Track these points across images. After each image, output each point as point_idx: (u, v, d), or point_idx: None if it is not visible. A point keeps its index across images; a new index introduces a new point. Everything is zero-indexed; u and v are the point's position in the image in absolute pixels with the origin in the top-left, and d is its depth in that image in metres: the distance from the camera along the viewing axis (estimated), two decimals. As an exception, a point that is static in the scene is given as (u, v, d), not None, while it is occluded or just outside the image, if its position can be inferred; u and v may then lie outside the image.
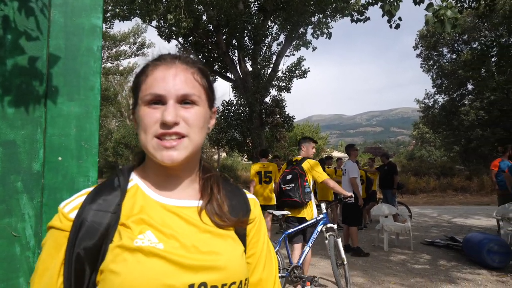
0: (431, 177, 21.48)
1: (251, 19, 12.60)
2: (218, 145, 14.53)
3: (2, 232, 1.41)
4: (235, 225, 0.85)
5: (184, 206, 0.82)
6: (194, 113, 0.79)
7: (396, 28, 6.33)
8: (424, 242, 7.94)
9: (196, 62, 0.85)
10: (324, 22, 14.11)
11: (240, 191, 0.94)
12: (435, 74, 25.56)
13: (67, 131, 1.49)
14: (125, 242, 0.72)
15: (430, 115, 26.46)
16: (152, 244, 0.72)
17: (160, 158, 0.76)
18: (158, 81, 0.78)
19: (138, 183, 0.83)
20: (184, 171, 0.84)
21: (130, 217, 0.76)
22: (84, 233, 0.73)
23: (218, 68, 15.19)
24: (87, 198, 0.77)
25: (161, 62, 0.81)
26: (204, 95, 0.83)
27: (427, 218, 11.96)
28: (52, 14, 1.51)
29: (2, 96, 1.44)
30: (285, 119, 14.16)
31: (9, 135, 1.44)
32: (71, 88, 1.51)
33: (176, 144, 0.76)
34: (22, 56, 1.47)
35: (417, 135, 39.21)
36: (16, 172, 1.44)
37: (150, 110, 0.77)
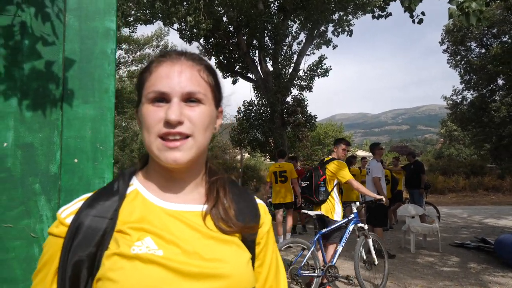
0: (460, 176, 20.82)
1: (271, 19, 12.57)
2: (240, 146, 14.54)
3: (21, 233, 1.44)
4: (241, 231, 0.80)
5: (188, 211, 0.78)
6: (200, 112, 0.75)
7: (419, 23, 6.15)
8: (453, 244, 7.69)
9: (202, 59, 0.82)
10: (345, 19, 13.91)
11: (249, 196, 0.89)
12: (463, 70, 24.76)
13: (83, 133, 1.51)
14: (123, 249, 0.69)
15: (458, 112, 25.66)
16: (151, 251, 0.69)
17: (164, 159, 0.72)
18: (162, 78, 0.74)
19: (138, 188, 0.80)
20: (189, 174, 0.80)
21: (128, 223, 0.73)
22: (80, 239, 0.70)
23: (239, 69, 15.24)
24: (85, 203, 0.75)
25: (166, 59, 0.77)
26: (210, 94, 0.79)
27: (457, 219, 11.61)
28: (67, 19, 1.53)
29: (20, 100, 1.47)
30: (307, 119, 14.03)
31: (27, 138, 1.47)
32: (86, 91, 1.53)
33: (180, 144, 0.72)
34: (39, 60, 1.50)
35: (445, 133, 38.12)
36: (34, 174, 1.47)
37: (153, 108, 0.73)
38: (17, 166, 1.45)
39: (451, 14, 4.06)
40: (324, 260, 4.78)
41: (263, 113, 14.09)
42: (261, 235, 0.86)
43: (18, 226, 1.44)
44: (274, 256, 0.89)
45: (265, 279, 0.87)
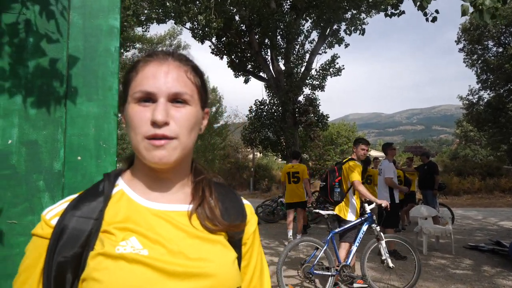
0: (476, 177, 20.41)
1: (284, 18, 12.52)
2: (252, 145, 14.54)
3: (25, 229, 1.45)
4: (227, 230, 0.81)
5: (173, 211, 0.78)
6: (185, 113, 0.75)
7: (433, 22, 6.04)
8: (467, 246, 7.55)
9: (189, 59, 0.82)
10: (358, 18, 13.78)
11: (235, 196, 0.89)
12: (479, 69, 24.28)
13: (86, 131, 1.52)
14: (107, 249, 0.69)
15: (474, 112, 25.16)
16: (135, 250, 0.69)
17: (151, 158, 0.72)
18: (148, 78, 0.74)
19: (124, 188, 0.80)
20: (174, 174, 0.81)
21: (113, 224, 0.73)
22: (65, 240, 0.70)
23: (251, 68, 15.24)
24: (70, 204, 0.75)
25: (153, 58, 0.77)
26: (197, 95, 0.79)
27: (471, 221, 11.40)
28: (71, 17, 1.54)
29: (25, 98, 1.48)
30: (319, 118, 13.95)
31: (31, 135, 1.48)
32: (90, 89, 1.53)
33: (165, 143, 0.72)
34: (43, 58, 1.50)
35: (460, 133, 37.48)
36: (38, 171, 1.48)
37: (139, 108, 0.73)
38: (22, 163, 1.46)
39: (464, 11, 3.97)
40: (338, 259, 4.78)
41: (275, 112, 14.07)
42: (247, 235, 0.86)
43: (22, 223, 1.45)
44: (260, 257, 0.90)
45: (250, 280, 0.87)
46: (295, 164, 8.21)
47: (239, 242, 0.84)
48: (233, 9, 13.07)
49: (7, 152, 1.45)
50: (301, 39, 14.67)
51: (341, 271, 4.65)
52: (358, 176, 4.89)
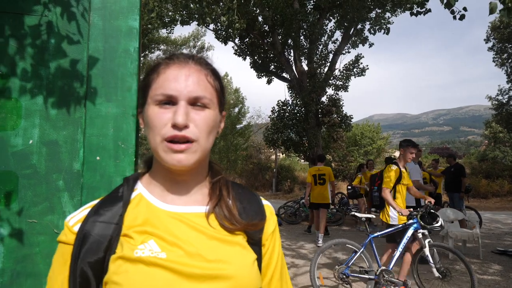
0: (505, 179, 19.67)
1: (307, 18, 12.42)
2: (274, 146, 14.48)
3: (45, 228, 1.48)
4: (245, 229, 0.80)
5: (190, 212, 0.79)
6: (205, 116, 0.76)
7: (461, 20, 5.85)
8: (495, 251, 7.27)
9: (209, 63, 0.83)
10: (383, 17, 13.52)
11: (253, 196, 0.89)
12: (510, 69, 23.40)
13: (105, 131, 1.53)
14: (126, 253, 0.70)
15: (504, 112, 24.25)
16: (154, 253, 0.70)
17: (170, 161, 0.73)
18: (170, 81, 0.75)
19: (142, 192, 0.81)
20: (192, 177, 0.81)
21: (133, 227, 0.74)
22: (88, 246, 0.72)
23: (273, 69, 15.20)
24: (91, 210, 0.77)
25: (174, 62, 0.78)
26: (216, 99, 0.80)
27: (500, 225, 10.98)
28: (91, 18, 1.55)
29: (46, 98, 1.50)
30: (342, 119, 13.76)
31: (52, 135, 1.50)
32: (109, 89, 1.54)
33: (185, 148, 0.73)
34: (64, 59, 1.53)
35: (489, 134, 36.21)
36: (58, 171, 1.50)
37: (160, 110, 0.74)
38: (42, 163, 1.48)
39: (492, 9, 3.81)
40: (378, 263, 4.66)
41: (298, 113, 13.96)
42: (266, 236, 0.86)
43: (42, 222, 1.48)
44: (280, 258, 0.89)
45: (269, 281, 0.87)
46: (321, 166, 8.56)
47: (259, 242, 0.84)
48: (256, 9, 13.07)
49: (28, 152, 1.47)
50: (324, 39, 14.53)
51: (380, 275, 4.51)
52: (389, 182, 4.79)
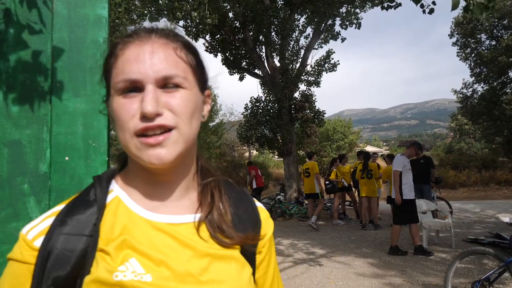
0: (471, 170, 20.47)
1: (278, 14, 12.40)
2: (248, 142, 14.42)
3: (9, 237, 1.34)
4: (242, 243, 0.69)
5: (178, 223, 0.66)
6: (181, 98, 0.62)
7: (430, 13, 5.95)
8: (467, 239, 7.51)
9: (178, 35, 0.68)
10: (353, 12, 13.68)
11: (248, 198, 0.77)
12: (473, 63, 24.32)
13: (74, 129, 1.40)
14: (102, 275, 0.57)
15: (469, 105, 25.22)
16: (137, 276, 0.58)
17: (146, 159, 0.60)
18: (131, 63, 0.61)
19: (120, 195, 0.67)
20: (176, 175, 0.68)
21: (110, 241, 0.61)
22: (53, 264, 0.58)
23: (245, 65, 15.11)
24: (56, 219, 0.62)
25: (133, 38, 0.64)
26: (192, 75, 0.66)
27: (469, 214, 11.39)
28: (55, 6, 1.42)
29: (6, 94, 1.36)
30: (315, 114, 13.87)
31: (14, 135, 1.37)
32: (77, 83, 1.42)
33: (163, 139, 0.60)
34: (26, 51, 1.39)
35: (455, 127, 37.60)
36: (22, 174, 1.37)
37: (125, 101, 0.61)
38: (4, 165, 1.35)
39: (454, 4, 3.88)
40: None
41: (271, 109, 13.96)
42: (262, 243, 0.75)
43: (6, 230, 1.34)
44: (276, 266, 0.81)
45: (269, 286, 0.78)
46: (308, 162, 10.15)
47: (254, 250, 0.73)
48: (227, 5, 12.93)
49: (-13, 153, 1.33)
50: (295, 34, 14.57)
51: None
52: None
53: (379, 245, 7.32)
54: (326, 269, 5.69)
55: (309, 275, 5.43)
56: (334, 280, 5.16)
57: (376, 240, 7.89)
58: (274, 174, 24.65)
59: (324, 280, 5.17)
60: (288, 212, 11.54)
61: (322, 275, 5.42)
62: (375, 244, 7.44)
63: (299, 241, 7.94)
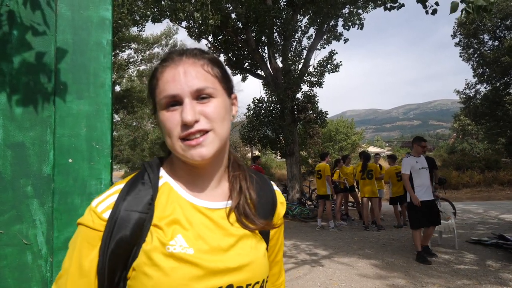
0: (474, 171, 20.36)
1: (280, 14, 12.38)
2: (251, 143, 14.40)
3: (12, 239, 1.34)
4: (262, 229, 0.85)
5: (214, 208, 0.82)
6: (213, 106, 0.77)
7: (433, 14, 5.95)
8: (470, 240, 7.47)
9: (204, 52, 0.83)
10: (355, 13, 13.65)
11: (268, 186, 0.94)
12: (476, 63, 24.23)
13: (77, 131, 1.40)
14: (159, 246, 0.73)
15: (471, 106, 25.12)
16: (183, 250, 0.74)
17: (190, 157, 0.76)
18: (169, 83, 0.76)
19: (169, 181, 0.82)
20: (213, 167, 0.83)
21: (163, 218, 0.76)
22: (117, 231, 0.73)
23: (248, 66, 15.08)
24: (120, 196, 0.77)
25: (169, 62, 0.79)
26: (219, 85, 0.80)
27: (472, 215, 11.33)
28: (58, 8, 1.42)
29: (10, 96, 1.36)
30: (318, 115, 13.83)
31: (17, 137, 1.37)
32: (80, 85, 1.42)
33: (202, 140, 0.75)
34: (29, 52, 1.39)
35: (458, 127, 37.44)
36: (25, 176, 1.36)
37: (169, 114, 0.76)
38: (7, 167, 1.34)
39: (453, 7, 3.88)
40: None
41: (273, 110, 13.92)
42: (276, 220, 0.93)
43: (9, 232, 1.34)
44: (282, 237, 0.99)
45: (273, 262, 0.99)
46: (320, 164, 10.04)
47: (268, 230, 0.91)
48: (229, 6, 12.92)
49: (-9, 155, 1.33)
50: (298, 35, 14.54)
51: None
52: None
53: (382, 246, 7.30)
54: (329, 270, 5.67)
55: (312, 276, 5.42)
56: (337, 282, 5.15)
57: (379, 241, 7.86)
58: (277, 174, 24.63)
59: (327, 282, 5.16)
60: (290, 213, 11.52)
61: (325, 276, 5.40)
62: (378, 245, 7.42)
63: (302, 242, 7.93)
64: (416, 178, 6.21)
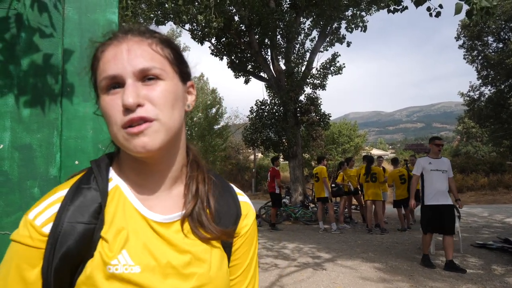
0: (479, 174, 20.29)
1: (283, 17, 12.42)
2: (253, 145, 14.42)
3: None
4: (220, 238, 0.74)
5: (167, 222, 0.71)
6: (160, 90, 0.66)
7: (437, 16, 5.93)
8: (475, 244, 7.43)
9: (154, 31, 0.72)
10: (358, 15, 13.66)
11: (231, 193, 0.82)
12: (480, 65, 24.17)
13: (84, 133, 1.41)
14: (100, 265, 0.63)
15: (476, 108, 25.05)
16: (128, 269, 0.64)
17: (133, 148, 0.64)
18: (110, 62, 0.66)
19: (120, 184, 0.71)
20: (165, 165, 0.72)
21: (111, 229, 0.66)
22: (61, 248, 0.63)
23: (251, 68, 15.12)
24: (62, 206, 0.65)
25: (111, 40, 0.69)
26: (170, 68, 0.70)
27: (477, 218, 11.27)
28: (66, 11, 1.43)
29: (17, 98, 1.37)
30: (321, 117, 13.83)
31: (25, 139, 1.37)
32: (87, 88, 1.42)
33: (145, 127, 0.64)
34: (37, 55, 1.40)
35: (462, 130, 37.32)
36: (32, 178, 1.37)
37: (109, 98, 0.66)
38: (15, 169, 1.35)
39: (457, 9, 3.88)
40: None
41: (276, 112, 13.94)
42: (240, 235, 0.80)
43: (16, 234, 1.34)
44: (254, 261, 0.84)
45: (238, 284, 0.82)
46: (318, 167, 9.97)
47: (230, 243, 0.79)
48: (233, 9, 12.96)
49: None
50: (301, 38, 14.57)
51: None
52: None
53: (386, 250, 7.27)
54: (332, 274, 5.65)
55: (315, 279, 5.40)
56: (341, 285, 5.13)
57: (383, 244, 7.83)
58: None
59: (330, 285, 5.14)
60: (293, 216, 11.51)
61: (328, 279, 5.38)
62: (381, 249, 7.39)
63: (305, 245, 7.91)
64: (425, 180, 6.02)
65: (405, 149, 43.57)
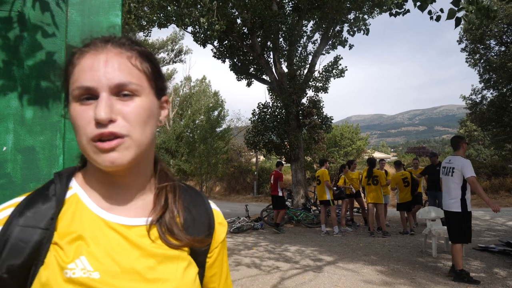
0: (481, 177, 20.20)
1: (286, 20, 12.43)
2: (255, 148, 14.41)
3: (22, 243, 1.35)
4: (190, 245, 0.73)
5: (130, 225, 0.69)
6: (134, 106, 0.65)
7: (437, 20, 5.94)
8: (476, 247, 7.40)
9: (134, 43, 0.70)
10: (361, 18, 13.67)
11: (203, 203, 0.81)
12: (482, 69, 24.13)
13: (87, 135, 1.41)
14: (56, 270, 0.61)
15: (478, 111, 24.99)
16: (86, 274, 0.61)
17: (102, 162, 0.63)
18: (85, 72, 0.64)
19: (78, 193, 0.70)
20: (133, 178, 0.71)
21: (65, 236, 0.64)
22: (8, 253, 0.61)
23: (253, 71, 15.14)
24: (15, 211, 0.65)
25: (89, 48, 0.67)
26: (147, 83, 0.68)
27: (479, 222, 11.23)
28: (69, 14, 1.44)
29: (20, 101, 1.38)
30: (323, 120, 13.82)
31: (28, 141, 1.38)
32: (90, 90, 1.43)
33: (116, 144, 0.63)
34: (40, 57, 1.41)
35: (464, 133, 37.25)
36: (35, 180, 1.38)
37: (81, 108, 0.64)
38: (18, 171, 1.36)
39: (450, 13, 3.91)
40: None
41: (278, 115, 13.94)
42: (213, 246, 0.80)
43: (18, 235, 1.35)
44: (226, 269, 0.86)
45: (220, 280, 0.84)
46: (320, 169, 10.10)
47: (205, 253, 0.78)
48: (235, 12, 12.99)
49: (2, 159, 1.35)
50: (303, 40, 14.59)
51: None
52: None
53: (388, 253, 7.25)
54: (334, 277, 5.64)
55: (317, 282, 5.39)
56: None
57: (385, 247, 7.81)
58: (281, 180, 24.56)
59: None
60: (295, 219, 11.49)
61: (330, 282, 5.37)
62: (383, 252, 7.37)
63: (307, 248, 7.89)
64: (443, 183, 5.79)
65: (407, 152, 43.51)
